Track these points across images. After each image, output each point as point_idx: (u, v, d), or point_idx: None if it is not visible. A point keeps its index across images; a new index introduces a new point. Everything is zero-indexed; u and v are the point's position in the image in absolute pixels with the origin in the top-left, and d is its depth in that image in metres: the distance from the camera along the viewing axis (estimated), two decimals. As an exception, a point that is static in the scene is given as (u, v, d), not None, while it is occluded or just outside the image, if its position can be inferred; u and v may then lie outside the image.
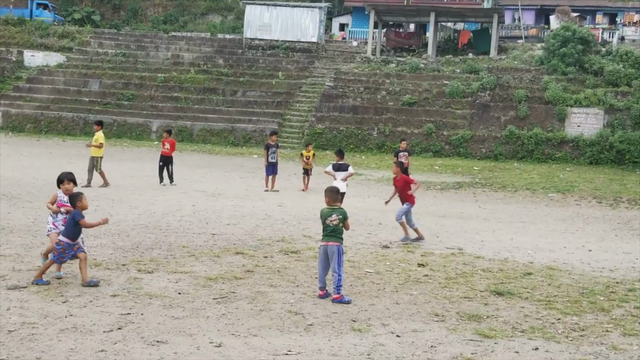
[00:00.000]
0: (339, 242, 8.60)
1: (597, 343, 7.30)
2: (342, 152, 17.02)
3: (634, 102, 29.96)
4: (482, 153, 30.93)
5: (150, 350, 6.48)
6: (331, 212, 8.67)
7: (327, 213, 8.69)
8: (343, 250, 8.75)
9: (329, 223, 8.62)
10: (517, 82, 32.99)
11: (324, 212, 8.75)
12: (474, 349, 6.94)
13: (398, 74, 35.59)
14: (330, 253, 8.59)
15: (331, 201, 8.78)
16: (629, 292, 9.55)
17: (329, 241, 8.60)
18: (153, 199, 16.53)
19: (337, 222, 8.59)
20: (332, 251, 8.57)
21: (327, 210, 8.74)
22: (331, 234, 8.61)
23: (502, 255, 11.94)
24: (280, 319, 7.70)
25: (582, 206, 19.21)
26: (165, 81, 37.36)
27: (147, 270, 9.53)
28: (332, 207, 8.74)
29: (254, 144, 33.29)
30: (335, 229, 8.61)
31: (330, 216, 8.63)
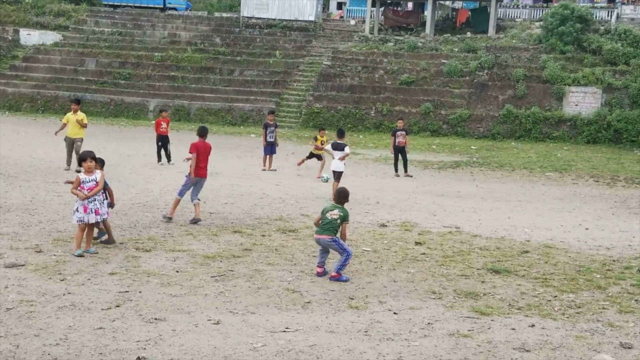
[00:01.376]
0: (332, 236, 8.60)
1: (593, 320, 7.35)
2: (342, 132, 16.98)
3: (631, 80, 29.89)
4: (479, 132, 30.90)
5: (148, 328, 6.51)
6: (334, 207, 8.80)
7: (330, 208, 8.83)
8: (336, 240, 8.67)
9: (329, 216, 8.68)
10: (515, 61, 32.88)
11: (327, 207, 8.92)
12: (471, 326, 6.98)
13: (396, 53, 35.43)
14: (324, 245, 8.69)
15: (336, 201, 8.96)
16: (625, 270, 9.59)
17: (322, 234, 8.65)
18: (150, 178, 16.52)
19: (336, 217, 8.64)
20: (325, 243, 8.65)
21: (330, 206, 8.93)
22: (326, 226, 8.64)
23: (499, 234, 11.97)
24: (277, 297, 7.73)
25: (579, 185, 19.23)
26: (162, 60, 37.14)
27: (145, 249, 9.54)
28: (336, 205, 8.85)
29: (252, 123, 33.20)
30: (332, 223, 8.63)
31: (332, 211, 8.73)
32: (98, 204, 9.18)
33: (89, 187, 9.13)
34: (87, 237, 9.22)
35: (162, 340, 6.22)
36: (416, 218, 13.16)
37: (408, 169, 19.99)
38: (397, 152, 19.92)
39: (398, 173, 19.80)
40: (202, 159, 11.98)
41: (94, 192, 9.12)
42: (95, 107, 34.32)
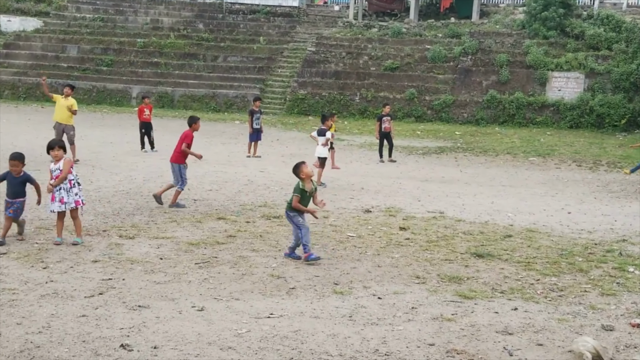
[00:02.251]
0: (287, 210, 9.02)
1: (575, 303, 7.42)
2: (325, 117, 16.96)
3: (614, 65, 30.01)
4: (463, 118, 30.96)
5: (132, 315, 6.49)
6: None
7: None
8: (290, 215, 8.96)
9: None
10: (498, 46, 32.91)
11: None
12: (454, 310, 7.03)
13: (380, 39, 35.34)
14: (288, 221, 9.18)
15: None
16: (607, 253, 9.69)
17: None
18: (134, 165, 16.42)
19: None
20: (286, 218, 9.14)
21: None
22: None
23: (483, 218, 12.03)
24: (262, 283, 7.73)
25: (562, 169, 19.35)
26: (145, 46, 36.80)
27: (128, 236, 9.50)
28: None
29: (236, 109, 33.04)
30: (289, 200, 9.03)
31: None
32: (63, 193, 9.03)
33: (55, 175, 9.06)
34: (57, 226, 9.10)
35: (146, 327, 6.20)
36: (400, 203, 13.19)
37: (392, 154, 20.06)
38: (382, 137, 19.96)
39: (383, 159, 19.84)
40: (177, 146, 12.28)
41: (57, 180, 8.98)
42: (77, 94, 33.72)
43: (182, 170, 12.12)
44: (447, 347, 6.00)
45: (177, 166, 12.12)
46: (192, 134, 12.39)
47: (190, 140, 12.22)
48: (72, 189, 9.11)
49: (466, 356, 5.80)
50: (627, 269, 8.83)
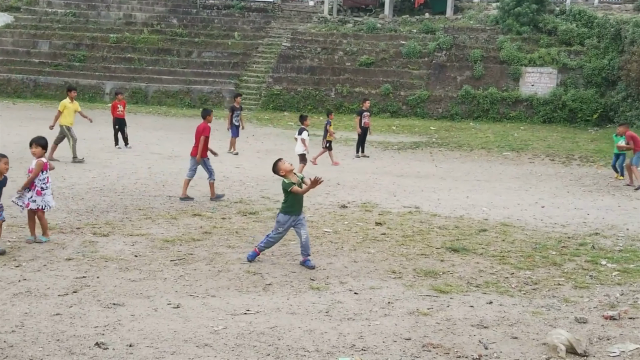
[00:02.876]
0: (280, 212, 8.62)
1: (549, 296, 7.50)
2: (302, 117, 17.32)
3: (586, 61, 30.36)
4: (438, 113, 31.11)
5: (106, 313, 6.43)
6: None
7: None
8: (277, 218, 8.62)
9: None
10: (472, 42, 33.09)
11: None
12: (430, 304, 7.07)
13: (355, 34, 35.35)
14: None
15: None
16: (580, 247, 9.81)
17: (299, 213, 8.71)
18: (108, 162, 16.27)
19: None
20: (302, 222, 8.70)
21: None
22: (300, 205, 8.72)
23: (458, 213, 12.11)
24: (238, 279, 7.70)
25: (535, 164, 19.54)
26: (118, 42, 36.41)
27: (102, 234, 9.41)
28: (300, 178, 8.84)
29: (211, 105, 32.80)
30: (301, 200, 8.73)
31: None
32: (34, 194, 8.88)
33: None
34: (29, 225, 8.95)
35: (121, 325, 6.15)
36: (376, 198, 13.23)
37: (365, 150, 20.26)
38: (363, 132, 20.18)
39: (359, 154, 19.93)
40: (196, 140, 12.56)
41: (26, 182, 8.82)
42: (49, 90, 33.56)
43: (206, 162, 12.45)
44: (423, 341, 6.03)
45: (201, 160, 12.40)
46: (209, 127, 12.71)
47: (208, 133, 12.57)
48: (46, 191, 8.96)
49: (442, 350, 5.83)
50: (600, 262, 8.94)
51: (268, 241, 8.49)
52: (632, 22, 28.66)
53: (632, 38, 28.09)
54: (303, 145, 16.15)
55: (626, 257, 9.23)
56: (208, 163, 12.52)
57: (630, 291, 7.70)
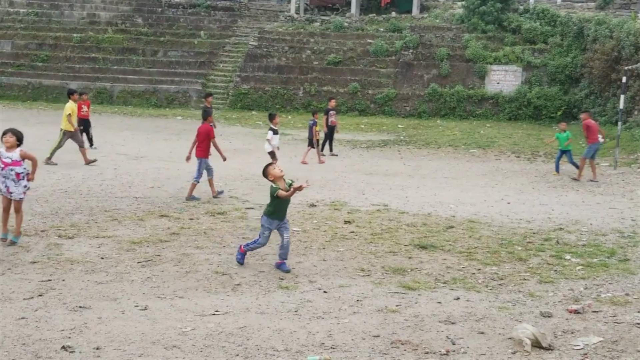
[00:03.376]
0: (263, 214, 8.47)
1: (515, 291, 7.60)
2: (270, 115, 17.36)
3: (550, 59, 30.83)
4: (406, 111, 31.32)
5: (72, 316, 6.35)
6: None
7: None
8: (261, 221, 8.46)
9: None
10: (439, 40, 33.38)
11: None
12: (399, 301, 7.11)
13: (322, 33, 35.40)
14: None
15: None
16: (544, 242, 9.95)
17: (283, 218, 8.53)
18: (72, 163, 16.04)
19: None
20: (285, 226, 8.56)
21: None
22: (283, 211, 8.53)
23: (426, 210, 12.20)
24: (207, 280, 7.67)
25: (501, 161, 19.77)
26: (82, 41, 35.94)
27: (67, 236, 9.29)
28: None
29: (177, 105, 32.64)
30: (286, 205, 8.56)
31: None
32: (10, 183, 8.80)
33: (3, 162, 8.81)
34: (3, 219, 8.91)
35: (88, 328, 6.08)
36: (345, 197, 13.27)
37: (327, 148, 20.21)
38: (330, 131, 20.21)
39: (328, 153, 19.96)
40: (199, 141, 12.85)
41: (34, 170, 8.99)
42: (12, 91, 33.02)
43: (202, 165, 12.65)
44: (392, 338, 6.06)
45: (202, 160, 12.69)
46: (212, 128, 13.05)
47: (214, 135, 12.90)
48: (21, 182, 8.88)
49: (410, 346, 5.88)
50: (564, 256, 9.09)
51: (256, 244, 8.36)
52: (594, 20, 29.18)
53: (594, 36, 28.59)
54: (269, 144, 16.25)
55: (590, 251, 9.40)
56: (204, 165, 12.68)
57: (594, 285, 7.84)
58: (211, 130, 12.91)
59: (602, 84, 27.64)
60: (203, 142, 12.78)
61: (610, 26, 27.72)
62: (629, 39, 25.24)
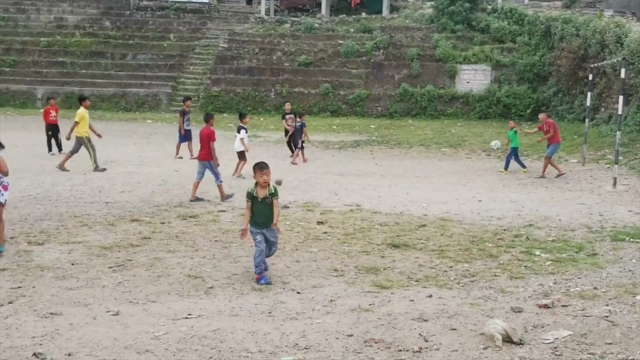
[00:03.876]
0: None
1: (486, 287, 7.68)
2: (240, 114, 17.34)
3: (518, 57, 31.20)
4: (378, 111, 31.45)
5: (44, 323, 6.28)
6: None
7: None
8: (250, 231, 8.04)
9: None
10: (409, 40, 33.57)
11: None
12: (372, 300, 7.15)
13: (293, 35, 35.40)
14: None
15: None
16: (515, 238, 10.08)
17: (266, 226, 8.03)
18: (41, 169, 15.85)
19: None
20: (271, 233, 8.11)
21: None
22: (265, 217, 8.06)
23: (398, 210, 12.27)
24: (179, 284, 7.63)
25: (472, 159, 19.97)
26: (49, 45, 35.49)
27: (37, 242, 9.17)
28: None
29: (147, 108, 32.39)
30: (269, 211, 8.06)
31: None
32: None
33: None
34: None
35: (59, 334, 6.01)
36: (318, 198, 13.29)
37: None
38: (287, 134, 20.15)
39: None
40: (202, 144, 13.05)
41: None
42: (-22, 97, 32.49)
43: (212, 166, 12.85)
44: (365, 336, 6.09)
45: (207, 163, 12.85)
46: (214, 131, 13.19)
47: (215, 137, 13.08)
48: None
49: (384, 345, 5.91)
50: (534, 252, 9.21)
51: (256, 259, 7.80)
52: (561, 19, 29.59)
53: (561, 34, 28.99)
54: (241, 144, 16.21)
55: (559, 247, 9.53)
56: (214, 166, 12.88)
57: (563, 280, 7.96)
58: (212, 133, 13.06)
59: (570, 82, 28.05)
60: (206, 145, 12.92)
61: (576, 25, 28.14)
62: (595, 37, 25.64)
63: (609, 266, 8.53)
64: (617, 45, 23.60)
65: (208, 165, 12.87)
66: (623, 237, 10.03)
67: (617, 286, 7.64)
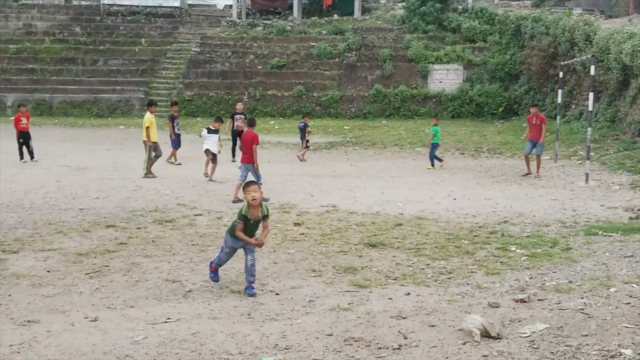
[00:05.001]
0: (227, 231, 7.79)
1: (463, 284, 7.76)
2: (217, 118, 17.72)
3: (489, 57, 31.53)
4: (351, 112, 31.55)
5: (21, 331, 6.21)
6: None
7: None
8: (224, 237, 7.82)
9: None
10: (381, 41, 33.74)
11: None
12: (351, 299, 7.18)
13: (265, 37, 35.39)
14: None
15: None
16: (490, 235, 10.18)
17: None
18: (13, 177, 15.64)
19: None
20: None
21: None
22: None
23: (374, 209, 12.33)
24: (157, 288, 7.59)
25: (446, 158, 20.11)
26: (18, 52, 35.04)
27: (11, 251, 9.06)
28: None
29: (120, 114, 32.14)
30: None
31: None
32: None
33: None
34: None
35: (37, 342, 5.95)
36: (294, 199, 13.30)
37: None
38: (235, 136, 19.67)
39: (235, 159, 19.19)
40: (244, 147, 13.37)
41: None
42: (-54, 105, 31.97)
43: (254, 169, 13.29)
44: (345, 335, 6.12)
45: (251, 166, 13.25)
46: (257, 135, 13.48)
47: (258, 141, 13.46)
48: None
49: (363, 343, 5.94)
50: (510, 248, 9.32)
51: (219, 258, 7.82)
52: (531, 18, 29.98)
53: (531, 33, 29.37)
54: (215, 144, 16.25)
55: (533, 242, 9.66)
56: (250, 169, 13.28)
57: (539, 274, 8.07)
58: (256, 137, 13.30)
59: (541, 80, 28.43)
60: (249, 149, 13.21)
61: (546, 23, 28.52)
62: (564, 35, 26.02)
63: (583, 260, 8.66)
64: (586, 43, 23.97)
65: (251, 168, 13.24)
66: (596, 232, 10.19)
67: (592, 279, 7.77)
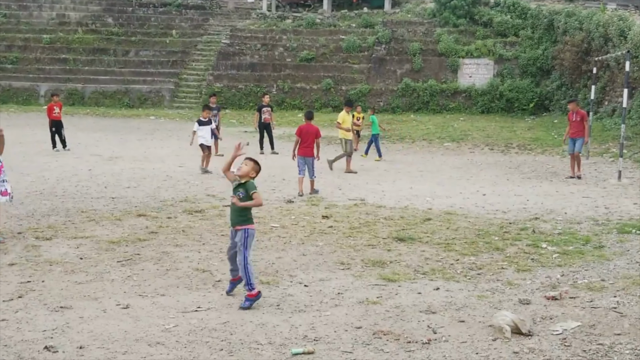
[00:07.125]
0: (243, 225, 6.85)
1: (493, 280, 7.70)
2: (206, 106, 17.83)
3: (521, 51, 31.17)
4: (380, 106, 31.42)
5: (54, 317, 6.31)
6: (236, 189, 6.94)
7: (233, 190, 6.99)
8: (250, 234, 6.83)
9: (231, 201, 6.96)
10: (411, 35, 33.55)
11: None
12: (379, 293, 7.17)
13: (295, 30, 35.39)
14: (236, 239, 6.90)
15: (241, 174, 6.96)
16: (521, 232, 10.10)
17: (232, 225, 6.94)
18: (46, 166, 15.88)
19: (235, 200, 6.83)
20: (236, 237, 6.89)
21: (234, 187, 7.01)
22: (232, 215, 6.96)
23: (403, 204, 12.30)
24: (187, 277, 7.66)
25: (475, 153, 19.97)
26: (52, 42, 35.53)
27: (45, 237, 9.21)
28: (239, 182, 6.93)
29: (150, 105, 32.43)
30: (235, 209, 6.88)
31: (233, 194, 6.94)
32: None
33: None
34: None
35: (70, 328, 6.05)
36: (322, 193, 13.32)
37: (275, 146, 19.95)
38: (262, 128, 19.88)
39: (263, 151, 19.48)
40: (304, 140, 13.44)
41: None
42: (-19, 94, 32.55)
43: (313, 162, 13.48)
44: (374, 328, 6.12)
45: (310, 159, 13.40)
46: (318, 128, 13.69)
47: (320, 135, 13.67)
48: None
49: (392, 336, 5.94)
50: (541, 245, 9.23)
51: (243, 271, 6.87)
52: (564, 12, 29.56)
53: (564, 28, 28.97)
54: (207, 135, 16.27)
55: (565, 239, 9.55)
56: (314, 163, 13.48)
57: (570, 272, 7.98)
58: (318, 130, 13.54)
59: (573, 76, 28.03)
60: (312, 142, 13.39)
61: (579, 18, 28.10)
62: (598, 30, 25.62)
63: (615, 258, 8.55)
64: (620, 38, 23.58)
65: (310, 161, 13.36)
66: (629, 230, 10.05)
67: (625, 278, 7.67)
